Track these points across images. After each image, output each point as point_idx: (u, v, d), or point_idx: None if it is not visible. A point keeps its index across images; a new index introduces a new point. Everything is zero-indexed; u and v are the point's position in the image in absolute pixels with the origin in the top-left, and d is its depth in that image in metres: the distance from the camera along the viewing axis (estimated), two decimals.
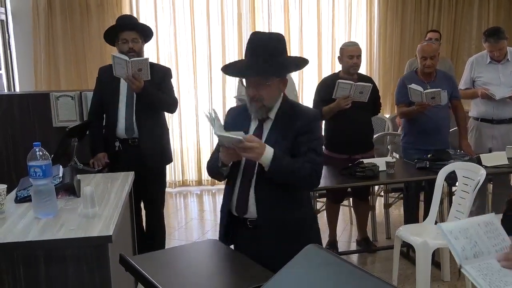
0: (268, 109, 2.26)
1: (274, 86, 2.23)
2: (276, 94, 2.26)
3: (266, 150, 2.12)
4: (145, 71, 3.46)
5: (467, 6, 6.74)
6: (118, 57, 3.45)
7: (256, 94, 2.21)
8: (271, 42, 2.21)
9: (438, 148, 4.08)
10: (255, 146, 2.08)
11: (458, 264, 1.49)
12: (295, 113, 2.27)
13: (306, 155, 2.19)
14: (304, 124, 2.22)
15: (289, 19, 6.43)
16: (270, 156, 2.12)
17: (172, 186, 6.38)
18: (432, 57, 4.11)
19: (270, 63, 2.17)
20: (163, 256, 2.21)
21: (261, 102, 2.22)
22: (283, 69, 2.25)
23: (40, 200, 2.42)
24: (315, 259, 1.46)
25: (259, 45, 2.20)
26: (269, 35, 2.28)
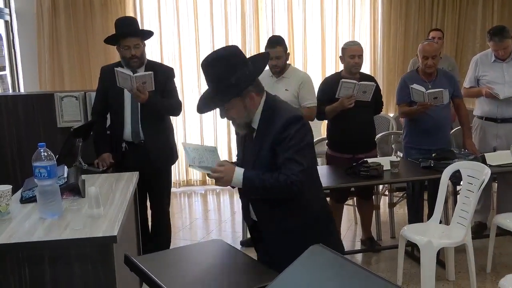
0: (246, 124, 2.26)
1: (237, 105, 2.20)
2: (243, 111, 2.21)
3: (236, 175, 2.16)
4: (149, 83, 3.47)
5: (471, 5, 6.72)
6: (122, 72, 3.46)
7: (227, 116, 2.25)
8: (213, 69, 2.18)
9: (439, 147, 4.07)
10: (219, 176, 2.17)
11: None
12: (273, 118, 2.21)
13: (282, 166, 2.14)
14: (278, 132, 2.16)
15: (293, 19, 6.42)
16: (240, 180, 2.16)
17: (176, 185, 6.38)
18: (433, 56, 4.10)
19: (219, 89, 2.18)
20: (168, 256, 2.22)
21: (235, 121, 2.26)
22: (234, 90, 2.16)
23: (45, 201, 2.43)
24: (320, 259, 1.47)
25: (205, 74, 2.22)
26: (209, 62, 2.20)
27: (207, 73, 2.20)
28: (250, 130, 2.28)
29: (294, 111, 2.28)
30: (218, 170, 2.18)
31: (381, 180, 3.78)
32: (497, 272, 3.86)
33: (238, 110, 2.20)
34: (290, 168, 2.12)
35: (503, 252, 4.18)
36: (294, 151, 2.14)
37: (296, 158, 2.14)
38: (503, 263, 4.02)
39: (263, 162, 2.20)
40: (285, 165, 2.13)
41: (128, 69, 3.60)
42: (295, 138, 2.14)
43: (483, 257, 3.94)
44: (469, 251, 3.48)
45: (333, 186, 3.78)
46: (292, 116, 2.19)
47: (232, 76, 2.15)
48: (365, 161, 3.82)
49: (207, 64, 2.19)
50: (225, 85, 2.15)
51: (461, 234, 3.44)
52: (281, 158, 2.15)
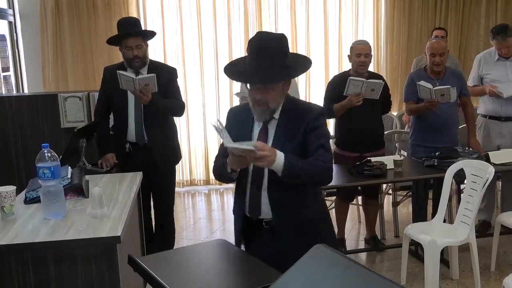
0: (272, 111, 2.24)
1: (279, 89, 2.20)
2: (280, 96, 2.22)
3: (277, 156, 2.09)
4: (152, 85, 3.47)
5: (475, 3, 6.70)
6: (124, 74, 3.46)
7: (262, 98, 2.18)
8: (275, 43, 2.18)
9: (446, 145, 4.06)
10: (267, 154, 2.05)
11: None
12: (300, 109, 2.26)
13: (316, 153, 2.17)
14: (311, 120, 2.20)
15: (296, 18, 6.41)
16: (282, 162, 2.09)
17: (180, 185, 6.39)
18: (441, 54, 4.09)
19: (275, 67, 2.15)
20: (172, 256, 2.22)
21: (266, 105, 2.20)
22: (289, 72, 2.23)
23: (49, 201, 2.44)
24: (323, 259, 1.47)
25: (263, 47, 2.15)
26: (272, 36, 2.22)
27: (269, 47, 2.15)
28: (268, 120, 2.26)
29: (320, 106, 2.39)
30: (265, 148, 2.06)
31: (385, 179, 3.78)
32: (501, 270, 3.85)
33: (277, 94, 2.20)
34: (325, 155, 2.18)
35: (507, 250, 4.17)
36: (326, 141, 2.23)
37: (327, 147, 2.22)
38: (508, 262, 4.02)
39: (290, 151, 2.17)
40: (319, 152, 2.18)
41: (131, 69, 3.61)
42: (325, 129, 2.26)
43: (487, 256, 3.94)
44: (473, 249, 3.47)
45: (339, 185, 3.78)
46: (323, 109, 2.33)
47: (288, 58, 2.20)
48: (368, 160, 3.81)
49: (266, 37, 2.19)
50: (281, 65, 2.16)
51: (465, 233, 3.43)
52: (314, 145, 2.18)
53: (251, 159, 2.07)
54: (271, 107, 2.22)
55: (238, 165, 2.19)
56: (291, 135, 2.22)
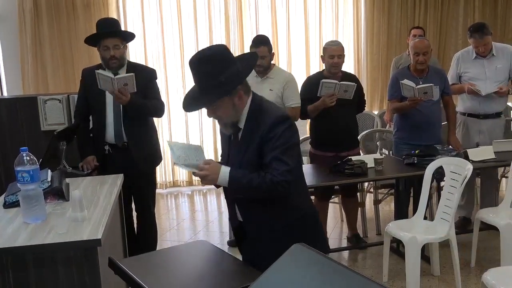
0: (232, 123, 2.24)
1: (225, 105, 2.17)
2: (231, 110, 2.19)
3: (221, 173, 2.14)
4: (131, 85, 3.45)
5: (453, 2, 6.79)
6: (102, 74, 3.44)
7: (214, 116, 2.23)
8: (203, 66, 2.15)
9: (430, 143, 4.11)
10: (206, 174, 2.14)
11: None
12: (260, 118, 2.20)
13: (269, 165, 2.14)
14: (265, 132, 2.15)
15: (277, 19, 6.44)
16: (226, 180, 2.15)
17: (162, 187, 6.38)
18: (424, 53, 4.14)
19: (204, 90, 2.15)
20: (153, 258, 2.22)
21: (222, 120, 2.24)
22: (223, 89, 2.14)
23: (28, 205, 2.42)
24: (301, 258, 1.48)
25: (193, 72, 2.18)
26: (200, 58, 2.17)
27: (196, 71, 2.17)
28: (236, 129, 2.26)
29: (281, 111, 2.28)
30: (204, 168, 2.15)
31: (366, 177, 3.81)
32: (481, 266, 3.90)
33: (226, 109, 2.18)
34: (277, 168, 2.11)
35: (487, 246, 4.23)
36: (281, 151, 2.13)
37: (283, 158, 2.13)
38: (487, 258, 4.07)
39: (249, 161, 2.19)
40: (272, 165, 2.12)
41: (109, 70, 3.59)
42: (282, 138, 2.14)
43: (468, 252, 3.99)
44: (453, 246, 3.52)
45: (316, 184, 3.80)
46: (280, 115, 2.19)
47: (221, 75, 2.12)
48: (349, 159, 3.85)
49: (196, 62, 2.16)
50: (214, 84, 2.12)
51: (445, 230, 3.48)
52: (268, 158, 2.14)
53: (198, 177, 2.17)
54: (227, 122, 2.23)
55: None
56: (250, 146, 2.20)
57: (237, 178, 2.14)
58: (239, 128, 2.25)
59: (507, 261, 3.60)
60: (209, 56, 2.15)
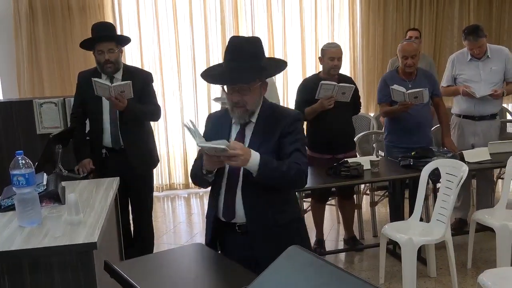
0: (250, 113, 2.27)
1: (256, 91, 2.23)
2: (258, 98, 2.26)
3: (252, 156, 2.10)
4: (128, 92, 3.46)
5: (448, 5, 6.83)
6: (99, 82, 3.44)
7: (240, 100, 2.21)
8: (250, 46, 2.22)
9: (421, 146, 4.12)
10: (240, 153, 2.05)
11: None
12: (277, 114, 2.28)
13: (292, 155, 2.19)
14: (287, 125, 2.23)
15: (272, 21, 6.45)
16: (257, 161, 2.10)
17: (159, 190, 6.37)
18: (413, 56, 4.15)
19: (249, 68, 2.18)
20: (149, 261, 2.22)
21: (244, 107, 2.23)
22: (264, 73, 2.25)
23: (24, 209, 2.41)
24: (297, 261, 1.48)
25: (238, 49, 2.20)
26: (247, 39, 2.29)
27: (241, 49, 2.20)
28: (245, 123, 2.28)
29: (297, 111, 2.44)
30: (236, 147, 2.06)
31: (362, 179, 3.81)
32: (477, 267, 3.91)
33: (255, 95, 2.23)
34: (300, 158, 2.20)
35: (483, 247, 4.24)
36: (301, 145, 2.25)
37: (303, 151, 2.24)
38: (483, 259, 4.08)
39: (266, 152, 2.18)
40: (295, 155, 2.20)
41: (104, 74, 3.59)
42: (301, 133, 2.29)
43: (464, 253, 4.00)
44: (449, 247, 3.53)
45: (313, 186, 3.81)
46: (298, 113, 2.35)
47: (264, 60, 2.25)
48: (345, 161, 3.85)
49: (243, 41, 2.25)
50: (256, 66, 2.20)
51: (441, 231, 3.48)
52: (289, 148, 2.21)
53: (225, 158, 2.07)
54: (250, 109, 2.25)
55: (212, 165, 2.19)
56: (267, 138, 2.23)
57: (268, 161, 2.14)
58: (249, 121, 2.28)
59: (503, 262, 3.61)
60: (255, 40, 2.26)
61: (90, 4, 5.95)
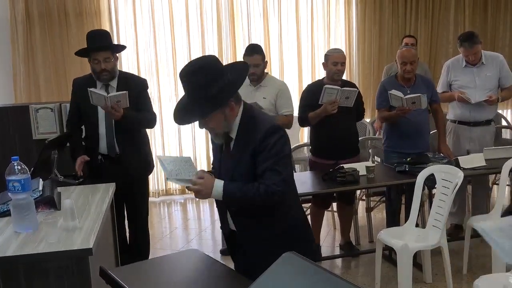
0: (224, 133, 2.25)
1: (217, 116, 2.17)
2: (223, 121, 2.20)
3: (215, 187, 2.15)
4: (124, 101, 3.46)
5: (443, 11, 6.86)
6: (95, 92, 3.44)
7: (205, 127, 2.25)
8: (198, 76, 2.13)
9: (419, 151, 4.13)
10: (199, 189, 2.15)
11: None
12: (252, 129, 2.22)
13: (263, 176, 2.15)
14: (258, 143, 2.16)
15: (269, 27, 6.47)
16: (220, 193, 2.15)
17: (155, 195, 6.36)
18: (412, 62, 4.17)
19: (195, 103, 2.14)
20: (144, 267, 2.22)
21: (213, 131, 2.25)
22: (215, 102, 2.14)
23: (19, 215, 2.41)
24: (292, 267, 1.48)
25: (184, 84, 2.18)
26: (194, 68, 2.16)
27: (187, 83, 2.16)
28: (228, 139, 2.27)
29: (273, 121, 2.30)
30: (197, 182, 2.15)
31: (357, 185, 3.82)
32: (473, 273, 3.92)
33: (218, 120, 2.18)
34: (270, 178, 2.13)
35: (478, 253, 4.24)
36: (274, 161, 2.15)
37: (276, 167, 2.15)
38: (479, 265, 4.09)
39: (241, 171, 2.20)
40: (265, 175, 2.14)
41: (100, 82, 3.59)
42: (275, 148, 2.16)
43: (460, 259, 4.01)
44: (444, 253, 3.53)
45: (311, 192, 3.81)
46: (272, 126, 2.21)
47: (213, 87, 2.11)
48: (341, 166, 3.86)
49: (187, 73, 2.15)
50: (206, 97, 2.11)
51: (437, 237, 3.49)
52: (261, 168, 2.15)
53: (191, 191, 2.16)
54: (219, 132, 2.25)
55: None
56: (243, 156, 2.21)
57: (231, 192, 2.15)
58: (230, 138, 2.26)
59: (498, 268, 3.61)
60: (200, 67, 2.14)
61: (86, 10, 5.96)
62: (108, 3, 6.05)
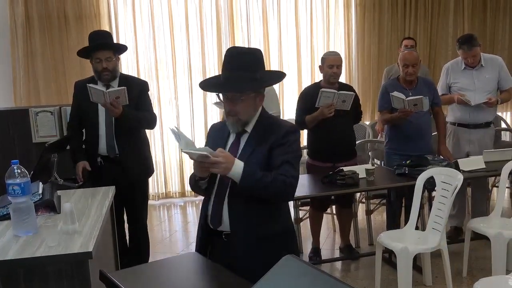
0: (244, 123, 2.27)
1: (249, 101, 2.24)
2: (251, 109, 2.27)
3: (235, 165, 2.11)
4: (123, 98, 3.48)
5: (442, 14, 6.87)
6: (94, 88, 3.46)
7: (232, 109, 2.24)
8: (247, 56, 2.24)
9: (421, 153, 4.14)
10: (220, 161, 2.07)
11: None
12: (271, 126, 2.28)
13: (280, 167, 2.17)
14: (278, 137, 2.22)
15: (268, 30, 6.48)
16: (240, 170, 2.11)
17: (155, 198, 6.36)
18: (414, 64, 4.18)
19: (245, 78, 2.20)
20: (144, 270, 2.22)
21: (236, 116, 2.25)
22: (258, 84, 2.25)
23: (19, 218, 2.41)
24: (292, 270, 1.48)
25: (235, 60, 2.23)
26: (246, 50, 2.32)
27: (237, 60, 2.22)
28: (241, 132, 2.30)
29: (293, 124, 2.43)
30: (218, 154, 2.09)
31: (357, 188, 3.83)
32: (473, 275, 3.92)
33: (248, 105, 2.24)
34: (288, 170, 2.17)
35: (478, 256, 4.24)
36: (292, 157, 2.22)
37: (293, 163, 2.22)
38: (479, 267, 4.09)
39: (254, 162, 2.19)
40: (284, 167, 2.17)
41: (101, 82, 3.60)
42: (293, 146, 2.25)
43: (460, 261, 4.01)
44: (444, 256, 3.54)
45: (313, 194, 3.82)
46: (293, 126, 2.37)
47: (258, 72, 2.23)
48: (341, 169, 3.86)
49: (240, 52, 2.26)
50: (250, 77, 2.20)
51: (436, 240, 3.49)
52: (279, 160, 2.18)
53: (208, 165, 2.10)
54: (242, 119, 2.26)
55: (200, 171, 2.21)
56: (258, 149, 2.24)
57: (251, 171, 2.13)
58: (244, 131, 2.29)
59: (498, 271, 3.62)
60: (252, 51, 2.29)
61: (86, 13, 5.97)
62: (107, 6, 6.06)
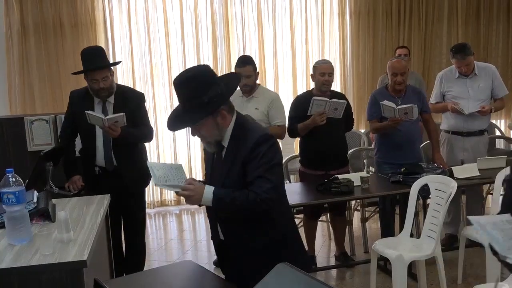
0: (216, 142, 2.29)
1: (208, 124, 2.23)
2: (214, 129, 2.24)
3: (205, 193, 2.18)
4: (121, 121, 3.47)
5: (436, 23, 6.92)
6: (93, 114, 3.44)
7: (197, 134, 2.28)
8: (191, 84, 2.20)
9: (410, 161, 4.15)
10: (189, 194, 2.18)
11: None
12: (244, 137, 2.25)
13: (252, 184, 2.18)
14: (248, 151, 2.20)
15: (263, 37, 6.51)
16: (210, 197, 2.18)
17: (150, 206, 6.35)
18: (402, 73, 4.20)
19: (193, 107, 2.19)
20: (138, 279, 2.22)
21: (205, 139, 2.28)
22: (208, 108, 2.19)
23: (14, 227, 2.41)
24: (286, 278, 1.49)
25: (179, 91, 2.24)
26: (189, 76, 2.23)
27: (180, 92, 2.23)
28: (220, 148, 2.31)
29: (264, 131, 2.33)
30: (187, 188, 2.19)
31: (352, 196, 3.84)
32: (468, 283, 3.92)
33: (210, 128, 2.23)
34: (260, 186, 2.16)
35: (473, 263, 4.25)
36: (265, 169, 2.18)
37: (266, 175, 2.18)
38: (473, 274, 4.10)
39: (232, 179, 2.23)
40: (255, 183, 2.17)
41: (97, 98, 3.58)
42: (265, 157, 2.20)
43: (455, 269, 4.01)
44: (439, 263, 3.54)
45: (305, 203, 3.83)
46: (263, 135, 2.25)
47: (205, 95, 2.17)
48: (336, 177, 3.87)
49: (180, 82, 2.22)
50: (198, 104, 2.18)
51: (431, 247, 3.50)
52: (251, 176, 2.18)
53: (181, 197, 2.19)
54: (211, 141, 2.28)
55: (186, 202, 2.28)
56: (233, 168, 2.25)
57: (221, 198, 2.18)
58: (222, 147, 2.30)
59: (493, 278, 3.62)
60: (192, 77, 2.21)
61: (82, 21, 5.98)
62: (103, 14, 6.07)
